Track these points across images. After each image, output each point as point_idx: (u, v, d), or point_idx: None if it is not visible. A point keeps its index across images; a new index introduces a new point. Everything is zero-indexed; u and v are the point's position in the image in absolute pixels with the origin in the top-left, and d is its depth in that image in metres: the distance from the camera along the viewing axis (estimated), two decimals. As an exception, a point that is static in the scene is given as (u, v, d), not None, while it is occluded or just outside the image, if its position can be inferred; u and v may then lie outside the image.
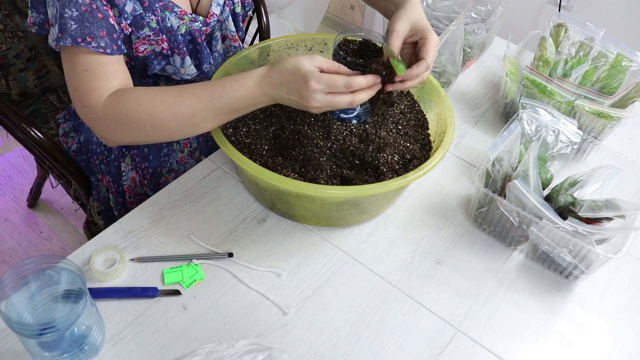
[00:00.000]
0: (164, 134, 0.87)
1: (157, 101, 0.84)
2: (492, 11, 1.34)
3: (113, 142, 0.90)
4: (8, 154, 2.01)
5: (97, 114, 0.86)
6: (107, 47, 0.85)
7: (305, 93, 0.79)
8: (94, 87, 0.85)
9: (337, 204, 0.87)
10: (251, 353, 0.53)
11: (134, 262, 0.85)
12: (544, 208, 0.85)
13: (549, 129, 1.00)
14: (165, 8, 0.93)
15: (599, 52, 1.20)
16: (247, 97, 0.83)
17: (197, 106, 0.84)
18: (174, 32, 0.96)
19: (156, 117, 0.84)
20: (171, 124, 0.85)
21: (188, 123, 0.85)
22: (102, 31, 0.84)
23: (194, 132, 0.87)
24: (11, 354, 0.74)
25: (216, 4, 1.02)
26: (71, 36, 0.82)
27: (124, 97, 0.85)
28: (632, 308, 0.90)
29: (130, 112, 0.84)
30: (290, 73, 0.80)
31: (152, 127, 0.85)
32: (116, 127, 0.86)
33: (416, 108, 1.05)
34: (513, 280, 0.91)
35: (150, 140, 0.90)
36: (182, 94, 0.84)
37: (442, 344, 0.81)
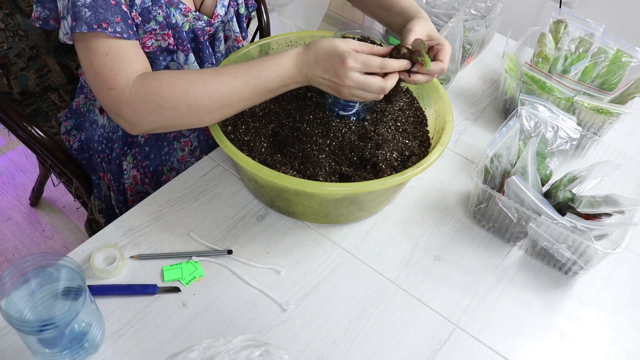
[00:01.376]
0: (196, 116, 0.85)
1: (193, 80, 0.84)
2: (492, 8, 1.34)
3: (140, 126, 0.87)
4: (10, 152, 2.02)
5: (126, 95, 0.84)
6: (124, 31, 0.84)
7: (340, 71, 0.81)
8: (119, 69, 0.84)
9: (336, 201, 0.87)
10: (248, 349, 0.53)
11: (134, 260, 0.86)
12: (543, 204, 0.85)
13: (548, 125, 1.00)
14: (171, 4, 0.94)
15: (598, 48, 1.20)
16: (284, 76, 0.84)
17: (234, 85, 0.84)
18: (178, 29, 0.96)
19: (192, 95, 0.83)
20: (207, 103, 0.84)
21: (223, 102, 0.84)
22: (116, 17, 0.84)
23: (225, 114, 0.87)
24: (12, 351, 0.74)
25: (221, 5, 1.02)
26: (86, 23, 0.82)
27: (156, 77, 0.84)
28: (632, 303, 0.90)
29: (164, 90, 0.83)
30: (326, 52, 0.82)
31: (186, 107, 0.84)
32: (147, 108, 0.84)
33: (415, 105, 1.05)
34: (512, 276, 0.91)
35: (180, 123, 0.87)
36: (219, 73, 0.85)
37: (441, 340, 0.82)
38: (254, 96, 0.86)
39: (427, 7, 1.29)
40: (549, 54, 1.17)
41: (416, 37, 0.90)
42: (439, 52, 0.90)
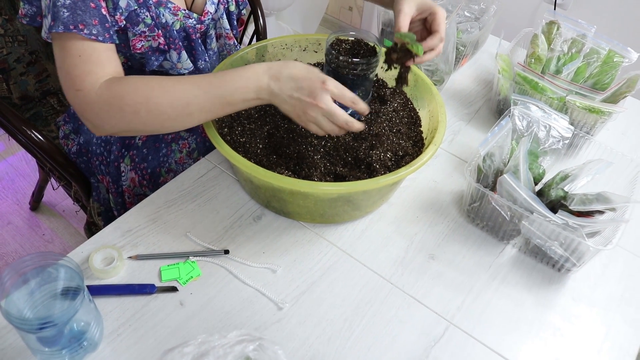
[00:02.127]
0: (157, 122, 0.86)
1: (155, 86, 0.85)
2: (486, 10, 1.35)
3: (102, 129, 0.88)
4: (10, 157, 2.04)
5: (92, 97, 0.85)
6: (100, 34, 0.86)
7: (317, 91, 0.81)
8: (89, 71, 0.85)
9: (331, 201, 0.88)
10: (242, 343, 0.54)
11: (132, 260, 0.87)
12: (534, 202, 0.87)
13: (541, 124, 1.01)
14: (160, 4, 0.95)
15: (591, 48, 1.21)
16: (246, 89, 0.84)
17: (194, 93, 0.84)
18: (169, 28, 0.98)
19: (152, 101, 0.84)
20: (166, 110, 0.85)
21: (183, 111, 0.85)
22: (94, 20, 0.85)
23: (186, 123, 0.87)
24: (12, 350, 0.75)
25: (211, 2, 1.04)
26: (63, 23, 0.83)
27: (122, 81, 0.86)
28: (624, 300, 0.91)
29: (127, 94, 0.84)
30: (305, 72, 0.83)
31: (146, 112, 0.84)
32: (109, 111, 0.85)
33: (409, 106, 1.06)
34: (506, 274, 0.92)
35: (142, 128, 0.88)
36: (181, 81, 0.85)
37: (435, 337, 0.83)
38: (213, 107, 0.85)
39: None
40: (541, 54, 1.18)
41: (406, 18, 0.92)
42: (432, 22, 0.93)
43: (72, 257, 0.86)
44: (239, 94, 0.84)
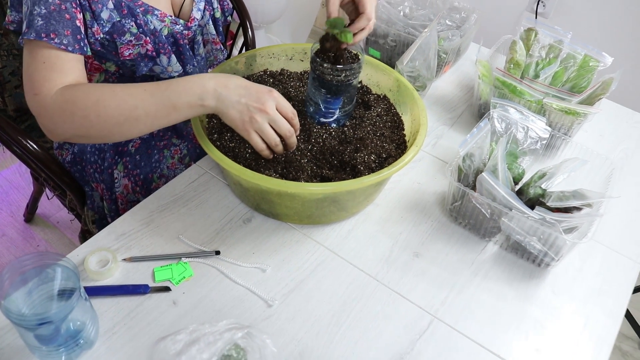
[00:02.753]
0: (105, 127, 0.88)
1: (105, 91, 0.88)
2: (466, 19, 1.40)
3: (56, 133, 0.91)
4: (4, 171, 2.06)
5: (47, 102, 0.88)
6: (69, 45, 0.90)
7: (264, 97, 0.88)
8: (48, 78, 0.89)
9: (317, 201, 0.91)
10: (231, 330, 0.57)
11: (126, 262, 0.90)
12: (513, 199, 0.90)
13: (519, 126, 1.05)
14: (147, 12, 0.99)
15: (567, 53, 1.26)
16: (192, 93, 0.87)
17: (142, 97, 0.87)
18: (157, 34, 1.02)
19: (101, 104, 0.87)
20: (115, 114, 0.87)
21: (130, 115, 0.87)
22: (67, 30, 0.89)
23: (134, 129, 0.89)
24: (10, 350, 0.78)
25: (197, 9, 1.08)
26: (36, 31, 0.87)
27: (76, 87, 0.89)
28: (602, 292, 0.95)
29: (78, 99, 0.87)
30: (254, 83, 0.90)
31: (95, 116, 0.87)
32: (62, 116, 0.88)
33: (392, 111, 1.10)
34: (488, 269, 0.96)
35: (92, 133, 0.90)
36: (130, 86, 0.89)
37: (420, 330, 0.86)
38: (159, 111, 0.87)
39: (404, 19, 1.35)
40: (520, 60, 1.22)
41: (334, 3, 0.99)
42: (359, 3, 0.98)
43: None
44: (183, 97, 0.87)
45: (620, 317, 0.92)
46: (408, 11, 1.40)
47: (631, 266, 1.00)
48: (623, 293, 0.95)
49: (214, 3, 1.14)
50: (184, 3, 1.07)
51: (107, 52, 1.01)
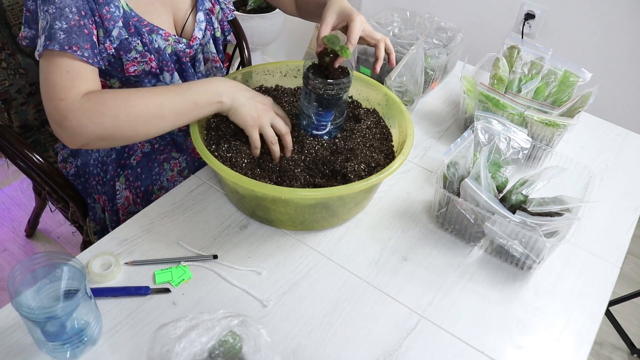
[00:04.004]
0: (133, 125, 0.95)
1: (132, 92, 0.96)
2: (453, 37, 1.47)
3: (80, 137, 0.94)
4: (6, 187, 2.11)
5: (75, 105, 0.92)
6: (90, 57, 0.96)
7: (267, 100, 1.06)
8: (74, 85, 0.94)
9: (309, 207, 0.97)
10: (228, 318, 0.62)
11: (128, 266, 0.94)
12: (495, 204, 0.95)
13: (501, 136, 1.11)
14: (152, 31, 1.06)
15: (548, 70, 1.32)
16: (212, 91, 1.00)
17: (167, 95, 0.97)
18: (161, 52, 1.08)
19: (130, 103, 0.94)
20: (143, 112, 0.95)
21: (157, 112, 0.96)
22: (86, 44, 0.96)
23: (159, 126, 0.98)
24: (18, 346, 0.82)
25: (198, 28, 1.15)
26: (59, 43, 0.93)
27: (102, 91, 0.96)
28: (582, 293, 0.99)
29: (107, 100, 0.94)
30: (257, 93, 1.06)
31: (125, 115, 0.94)
32: (91, 117, 0.92)
33: (381, 123, 1.16)
34: (473, 272, 1.00)
35: (118, 134, 0.95)
36: (156, 88, 0.99)
37: (407, 329, 0.90)
38: (183, 108, 0.98)
39: (393, 38, 1.41)
40: (503, 75, 1.29)
41: (327, 27, 1.08)
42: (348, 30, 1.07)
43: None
44: (204, 95, 1.00)
45: (599, 317, 0.97)
46: (397, 31, 1.47)
47: (610, 269, 1.04)
48: (602, 294, 1.00)
49: (215, 23, 1.21)
50: (186, 23, 1.14)
51: (113, 69, 1.07)
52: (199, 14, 1.16)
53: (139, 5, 1.05)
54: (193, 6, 1.16)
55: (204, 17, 1.17)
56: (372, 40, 1.12)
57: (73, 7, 0.94)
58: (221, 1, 1.21)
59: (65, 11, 0.94)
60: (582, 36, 2.07)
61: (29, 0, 1.00)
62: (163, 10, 1.10)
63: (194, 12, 1.15)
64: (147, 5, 1.06)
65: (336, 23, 1.09)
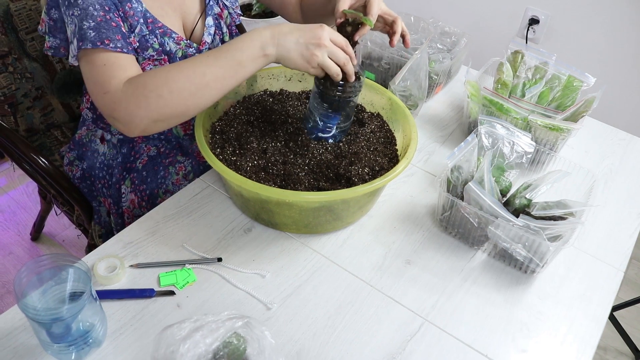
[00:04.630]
0: (180, 101, 0.93)
1: (171, 68, 0.94)
2: (457, 42, 1.47)
3: (134, 124, 0.94)
4: (12, 191, 2.12)
5: (119, 96, 0.93)
6: (124, 47, 0.97)
7: (318, 32, 0.94)
8: (113, 75, 0.95)
9: (314, 210, 0.97)
10: (232, 320, 0.62)
11: (133, 268, 0.95)
12: (498, 207, 0.96)
13: (505, 141, 1.11)
14: (165, 34, 1.07)
15: (552, 74, 1.33)
16: (252, 46, 0.93)
17: (206, 62, 0.93)
18: (172, 55, 1.09)
19: (172, 79, 0.92)
20: (185, 85, 0.92)
21: (201, 82, 0.92)
22: (117, 35, 0.97)
23: (208, 95, 0.94)
24: (23, 348, 0.82)
25: (208, 33, 1.16)
26: (91, 41, 0.94)
27: (141, 74, 0.96)
28: (586, 298, 0.99)
29: (148, 82, 0.93)
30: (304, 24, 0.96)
31: (169, 92, 0.91)
32: (137, 102, 0.92)
33: (385, 127, 1.17)
34: (477, 276, 1.01)
35: (168, 113, 0.94)
36: (193, 58, 0.95)
37: (411, 332, 0.90)
38: (227, 72, 0.93)
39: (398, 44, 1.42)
40: (507, 80, 1.29)
41: (344, 3, 1.05)
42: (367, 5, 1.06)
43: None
44: (246, 52, 0.93)
45: (603, 321, 0.97)
46: (401, 36, 1.47)
47: (614, 273, 1.04)
48: (606, 299, 1.00)
49: (223, 28, 1.22)
50: (196, 27, 1.15)
51: None
52: (208, 18, 1.17)
53: (152, 7, 1.07)
54: (202, 11, 1.17)
55: (212, 21, 1.18)
56: (390, 17, 1.11)
57: (96, 4, 0.96)
58: (229, 6, 1.23)
59: (89, 10, 0.96)
60: (586, 41, 2.08)
61: (52, 9, 1.01)
62: (173, 15, 1.11)
63: (203, 17, 1.17)
64: (159, 8, 1.08)
65: (353, 2, 1.08)
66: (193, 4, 1.15)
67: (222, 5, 1.21)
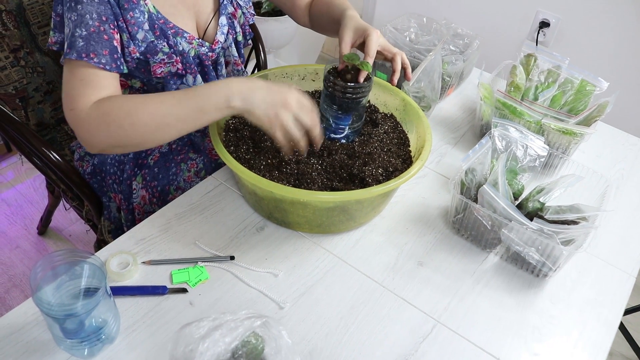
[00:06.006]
0: (138, 134, 0.93)
1: (137, 101, 0.94)
2: (469, 44, 1.47)
3: (93, 144, 0.96)
4: (19, 185, 2.12)
5: (82, 116, 0.94)
6: (107, 64, 0.97)
7: (286, 94, 0.94)
8: (84, 93, 0.95)
9: (327, 210, 0.97)
10: (250, 319, 0.62)
11: (146, 265, 0.95)
12: (512, 210, 0.95)
13: (518, 144, 1.11)
14: (177, 34, 1.07)
15: (565, 78, 1.33)
16: (216, 96, 0.93)
17: (171, 103, 0.93)
18: (185, 55, 1.09)
19: (134, 114, 0.92)
20: (147, 121, 0.93)
21: (162, 121, 0.93)
22: (105, 50, 0.97)
23: (166, 134, 0.95)
24: (36, 343, 0.82)
25: (221, 32, 1.16)
26: (77, 52, 0.94)
27: (109, 99, 0.96)
28: (598, 302, 0.99)
29: (112, 111, 0.93)
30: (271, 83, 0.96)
31: (129, 125, 0.92)
32: (97, 127, 0.94)
33: (399, 128, 1.16)
34: (489, 279, 1.00)
35: (127, 142, 0.95)
36: (160, 95, 0.95)
37: (423, 334, 0.90)
38: (188, 116, 0.93)
39: (410, 44, 1.42)
40: (520, 83, 1.29)
41: (346, 45, 1.08)
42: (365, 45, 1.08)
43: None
44: (212, 100, 0.93)
45: (615, 326, 0.96)
46: (414, 36, 1.47)
47: (626, 278, 1.04)
48: (618, 303, 1.00)
49: (237, 27, 1.22)
50: (209, 27, 1.15)
51: (138, 70, 1.08)
52: (222, 18, 1.17)
53: (164, 7, 1.06)
54: (215, 10, 1.17)
55: (226, 21, 1.18)
56: (389, 54, 1.12)
57: (94, 14, 0.96)
58: (242, 5, 1.22)
59: (85, 18, 0.95)
60: (595, 45, 2.07)
61: (58, 5, 1.01)
62: (186, 14, 1.11)
63: (217, 16, 1.16)
64: (171, 7, 1.08)
65: (354, 40, 1.10)
66: (207, 3, 1.15)
67: (235, 5, 1.21)
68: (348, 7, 1.16)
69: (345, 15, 1.13)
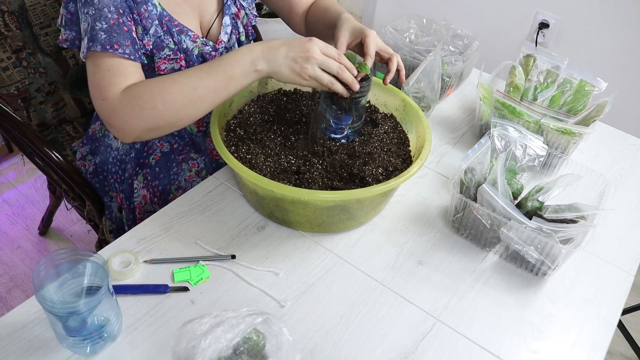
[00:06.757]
0: (172, 112, 0.95)
1: (166, 80, 0.96)
2: (469, 45, 1.48)
3: (128, 132, 0.97)
4: (21, 185, 2.13)
5: (115, 104, 0.96)
6: (131, 54, 0.99)
7: (307, 44, 0.94)
8: (113, 82, 0.97)
9: (328, 209, 0.97)
10: (252, 316, 0.63)
11: (147, 264, 0.96)
12: (511, 209, 0.96)
13: (517, 144, 1.11)
14: (181, 32, 1.08)
15: (564, 79, 1.33)
16: (244, 61, 0.95)
17: (199, 75, 0.95)
18: (189, 53, 1.10)
19: (165, 91, 0.94)
20: (179, 97, 0.94)
21: (193, 95, 0.95)
22: (127, 41, 0.98)
23: (199, 108, 0.97)
24: (39, 341, 0.83)
25: (224, 32, 1.17)
26: (101, 44, 0.96)
27: (137, 84, 0.97)
28: (597, 301, 1.00)
29: (143, 93, 0.95)
30: (293, 37, 0.96)
31: (162, 104, 0.94)
32: (132, 112, 0.95)
33: (398, 128, 1.17)
34: (488, 277, 1.01)
35: (161, 123, 0.96)
36: (187, 71, 0.97)
37: (423, 332, 0.91)
38: (218, 85, 0.95)
39: (410, 45, 1.42)
40: (519, 83, 1.30)
41: (342, 45, 1.08)
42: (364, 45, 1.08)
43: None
44: (237, 67, 0.95)
45: (613, 325, 0.97)
46: (414, 37, 1.48)
47: (624, 277, 1.05)
48: (616, 302, 1.00)
49: (240, 27, 1.23)
50: (212, 26, 1.16)
51: (143, 66, 1.08)
52: (225, 17, 1.18)
53: (169, 5, 1.08)
54: (219, 10, 1.18)
55: (229, 21, 1.19)
56: (386, 55, 1.12)
57: (111, 7, 0.97)
58: (245, 6, 1.23)
59: (104, 11, 0.97)
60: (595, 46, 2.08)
61: (70, 2, 1.02)
62: (191, 13, 1.12)
63: (220, 16, 1.18)
64: (176, 6, 1.09)
65: (350, 41, 1.11)
66: (211, 2, 1.16)
67: (239, 6, 1.22)
68: (343, 11, 1.18)
69: (340, 17, 1.14)
